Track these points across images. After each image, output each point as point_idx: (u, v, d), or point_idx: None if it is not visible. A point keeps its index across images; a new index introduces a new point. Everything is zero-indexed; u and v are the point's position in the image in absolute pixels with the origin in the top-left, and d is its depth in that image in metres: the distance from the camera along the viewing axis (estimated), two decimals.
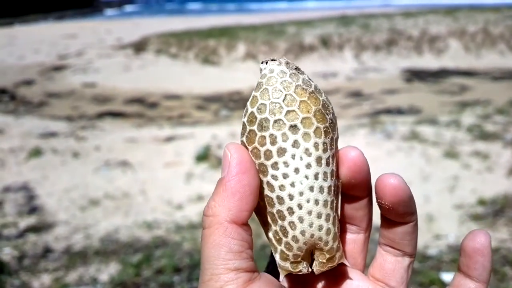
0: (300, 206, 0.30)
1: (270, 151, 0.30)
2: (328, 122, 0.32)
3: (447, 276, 2.00)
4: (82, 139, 4.41)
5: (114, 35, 15.09)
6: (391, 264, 0.33)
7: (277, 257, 0.31)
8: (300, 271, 0.30)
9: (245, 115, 0.32)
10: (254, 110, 0.31)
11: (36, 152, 3.96)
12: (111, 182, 3.36)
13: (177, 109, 6.45)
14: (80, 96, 7.43)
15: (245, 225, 0.29)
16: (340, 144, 0.33)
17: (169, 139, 4.38)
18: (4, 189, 3.26)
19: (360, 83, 7.63)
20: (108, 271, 2.19)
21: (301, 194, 0.30)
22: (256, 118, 0.31)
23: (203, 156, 3.77)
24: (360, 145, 3.88)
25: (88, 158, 3.88)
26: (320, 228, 0.30)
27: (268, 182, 0.30)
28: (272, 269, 0.34)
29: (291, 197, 0.30)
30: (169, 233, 2.57)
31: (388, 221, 0.33)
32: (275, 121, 0.30)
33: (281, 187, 0.30)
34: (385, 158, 3.54)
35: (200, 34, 11.34)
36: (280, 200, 0.30)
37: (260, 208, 0.31)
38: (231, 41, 9.95)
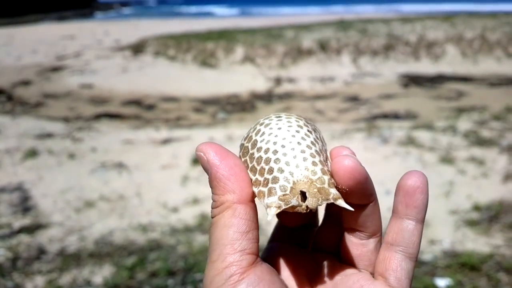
0: (285, 154, 0.31)
1: (259, 129, 0.34)
2: (313, 131, 0.35)
3: (441, 282, 2.00)
4: (78, 140, 4.40)
5: (112, 37, 15.09)
6: (356, 248, 0.34)
7: (265, 199, 0.31)
8: (292, 206, 0.30)
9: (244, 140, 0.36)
10: (252, 132, 0.35)
11: (32, 153, 3.94)
12: (107, 184, 3.35)
13: (174, 112, 6.44)
14: (77, 97, 7.42)
15: (251, 202, 0.31)
16: None
17: (166, 141, 4.37)
18: None
19: (357, 88, 7.64)
20: (102, 273, 2.18)
21: (283, 146, 0.32)
22: (254, 128, 0.35)
23: None
24: (356, 149, 3.88)
25: (84, 159, 3.87)
26: (306, 168, 0.31)
27: (257, 148, 0.33)
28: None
29: (275, 151, 0.32)
30: (164, 236, 2.56)
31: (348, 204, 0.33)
32: (266, 117, 0.36)
33: (267, 142, 0.33)
34: (381, 162, 3.54)
35: (198, 36, 11.35)
36: (267, 151, 0.32)
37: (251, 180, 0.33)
38: (229, 44, 9.96)
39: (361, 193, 0.31)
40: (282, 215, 0.36)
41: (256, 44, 9.93)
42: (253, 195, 0.31)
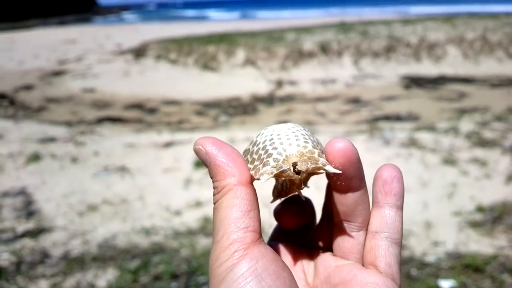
0: (280, 139, 0.34)
1: (261, 132, 0.37)
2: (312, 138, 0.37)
3: (445, 283, 2.00)
4: (81, 144, 4.41)
5: (114, 41, 15.13)
6: (347, 241, 0.35)
7: (259, 171, 0.33)
8: (283, 170, 0.31)
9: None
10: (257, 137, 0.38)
11: (35, 157, 3.95)
12: (110, 187, 3.36)
13: (176, 115, 6.45)
14: (79, 101, 7.44)
15: (251, 184, 0.32)
16: None
17: (168, 144, 4.38)
18: (2, 194, 3.25)
19: (358, 90, 7.64)
20: (106, 277, 2.19)
21: (280, 131, 0.35)
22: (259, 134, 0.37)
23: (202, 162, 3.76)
24: (358, 151, 3.88)
25: (86, 163, 3.88)
26: (298, 145, 0.33)
27: (256, 144, 0.36)
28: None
29: (271, 139, 0.34)
30: (167, 239, 2.56)
31: (339, 191, 0.34)
32: (266, 127, 0.38)
33: (265, 137, 0.35)
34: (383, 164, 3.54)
35: (200, 40, 11.37)
36: (264, 142, 0.35)
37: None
38: (231, 47, 9.97)
39: (352, 173, 0.33)
40: (281, 216, 0.38)
41: (257, 47, 9.94)
42: (252, 179, 0.33)
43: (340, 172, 0.32)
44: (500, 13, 14.99)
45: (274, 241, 0.39)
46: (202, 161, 0.34)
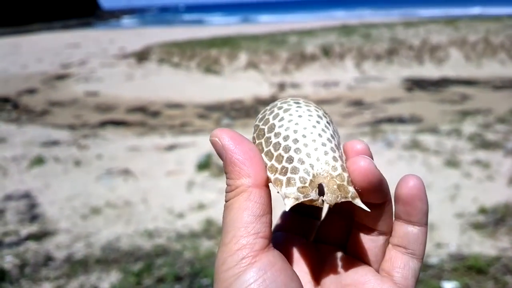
0: (306, 145, 0.31)
1: (278, 113, 0.34)
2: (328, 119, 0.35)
3: (448, 285, 2.00)
4: (84, 148, 4.43)
5: (117, 45, 15.20)
6: (364, 242, 0.34)
7: (283, 189, 0.30)
8: (308, 195, 0.30)
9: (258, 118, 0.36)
10: (266, 109, 0.36)
11: (38, 161, 3.97)
12: (113, 190, 3.37)
13: (179, 118, 6.47)
14: (82, 105, 7.47)
15: (266, 186, 0.31)
16: None
17: (171, 147, 4.39)
18: (6, 197, 3.27)
19: (361, 92, 7.65)
20: (109, 279, 2.19)
21: (305, 128, 0.32)
22: (267, 108, 0.36)
23: (205, 164, 3.78)
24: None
25: (90, 166, 3.90)
26: (327, 162, 0.31)
27: (276, 133, 0.33)
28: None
29: (296, 140, 0.32)
30: (170, 241, 2.57)
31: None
32: (283, 102, 0.36)
33: (287, 129, 0.33)
34: (386, 166, 3.54)
35: (202, 43, 11.41)
36: (286, 138, 0.32)
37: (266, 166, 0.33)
38: (233, 51, 10.00)
39: (374, 194, 0.31)
40: (296, 205, 0.36)
41: (259, 50, 9.96)
42: (268, 180, 0.32)
43: (368, 210, 0.30)
44: (502, 15, 14.98)
45: (280, 232, 0.38)
46: (217, 154, 0.33)
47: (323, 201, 0.30)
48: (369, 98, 7.16)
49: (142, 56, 11.14)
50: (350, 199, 0.30)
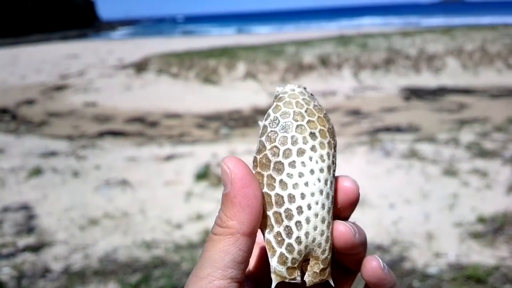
0: (309, 207, 0.32)
1: (290, 150, 0.32)
2: (335, 141, 0.35)
3: None
4: (82, 158, 4.43)
5: (115, 55, 15.25)
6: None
7: (274, 261, 0.32)
8: (294, 278, 0.32)
9: (266, 119, 0.34)
10: (277, 115, 0.33)
11: (36, 172, 3.97)
12: (111, 201, 3.36)
13: (177, 128, 6.48)
14: (81, 116, 7.47)
15: (254, 235, 0.32)
16: (340, 162, 0.36)
17: (169, 157, 4.39)
18: (3, 209, 3.26)
19: (359, 102, 7.67)
20: None
21: (312, 195, 0.32)
22: (279, 121, 0.33)
23: (203, 174, 3.77)
24: (359, 163, 3.89)
25: (88, 177, 3.89)
26: (322, 233, 0.32)
27: (281, 180, 0.32)
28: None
29: (302, 196, 0.32)
30: (168, 252, 2.56)
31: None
32: (298, 126, 0.33)
33: (295, 185, 0.32)
34: (384, 176, 3.54)
35: (201, 54, 11.46)
36: (291, 198, 0.32)
37: (263, 211, 0.33)
38: (231, 61, 10.04)
39: (348, 255, 0.34)
40: None
41: (257, 60, 10.01)
42: (256, 230, 0.32)
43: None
44: (498, 24, 15.09)
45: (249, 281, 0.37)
46: (222, 181, 0.32)
47: (303, 281, 0.33)
48: (367, 107, 7.18)
49: (140, 66, 11.18)
50: (325, 280, 0.33)
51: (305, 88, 0.36)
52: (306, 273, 0.32)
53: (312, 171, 0.32)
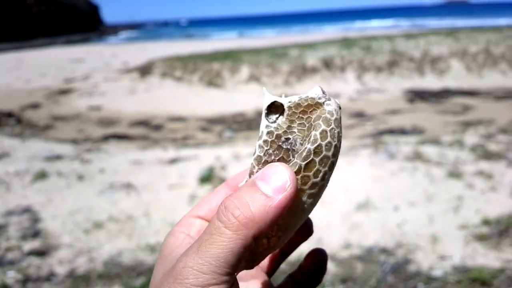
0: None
1: (316, 183, 0.34)
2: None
3: None
4: (87, 162, 4.44)
5: (120, 59, 15.32)
6: None
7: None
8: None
9: (310, 141, 0.34)
10: (323, 144, 0.34)
11: (41, 175, 3.99)
12: (115, 204, 3.37)
13: (181, 131, 6.50)
14: (85, 119, 7.51)
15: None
16: (344, 165, 0.37)
17: (173, 161, 4.40)
18: (8, 212, 3.27)
19: (362, 104, 7.67)
20: None
21: None
22: (322, 152, 0.34)
23: (207, 177, 3.78)
24: (363, 165, 3.88)
25: (92, 180, 3.91)
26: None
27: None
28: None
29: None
30: None
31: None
32: (331, 163, 0.35)
33: None
34: (389, 178, 3.53)
35: (204, 57, 11.49)
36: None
37: None
38: (235, 64, 10.06)
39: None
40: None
41: (261, 63, 10.02)
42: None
43: None
44: (502, 26, 15.04)
45: None
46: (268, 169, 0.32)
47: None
48: (371, 109, 7.17)
49: (145, 70, 11.22)
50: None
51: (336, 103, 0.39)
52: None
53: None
